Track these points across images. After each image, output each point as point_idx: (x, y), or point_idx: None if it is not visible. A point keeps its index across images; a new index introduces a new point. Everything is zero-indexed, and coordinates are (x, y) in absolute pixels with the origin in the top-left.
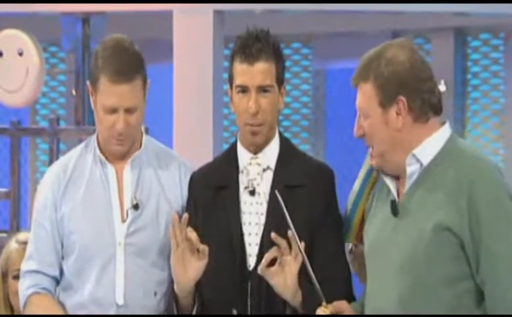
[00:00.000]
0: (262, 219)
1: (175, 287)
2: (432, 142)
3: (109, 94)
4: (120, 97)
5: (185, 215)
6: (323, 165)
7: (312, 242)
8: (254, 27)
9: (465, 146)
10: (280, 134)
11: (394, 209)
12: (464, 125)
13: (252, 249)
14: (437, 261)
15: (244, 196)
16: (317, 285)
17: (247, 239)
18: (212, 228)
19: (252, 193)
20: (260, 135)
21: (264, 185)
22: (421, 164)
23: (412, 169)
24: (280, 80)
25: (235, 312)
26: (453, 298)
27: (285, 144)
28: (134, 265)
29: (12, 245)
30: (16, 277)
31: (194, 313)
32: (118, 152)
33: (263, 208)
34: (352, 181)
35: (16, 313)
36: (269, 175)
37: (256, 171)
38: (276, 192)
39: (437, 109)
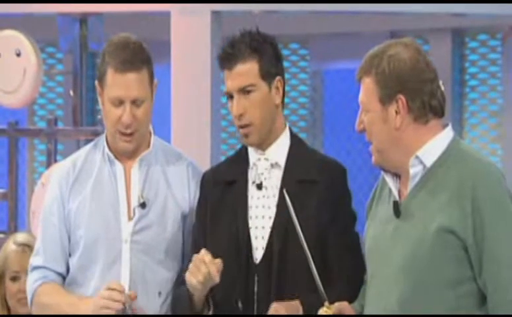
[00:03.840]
0: (270, 213)
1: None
2: (435, 144)
3: (115, 84)
4: (126, 87)
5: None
6: (335, 161)
7: (323, 237)
8: (232, 34)
9: (468, 148)
10: (290, 129)
11: (396, 210)
12: (461, 126)
13: (258, 243)
14: (439, 263)
15: (252, 191)
16: (320, 285)
17: (253, 232)
18: (219, 223)
19: (259, 186)
20: (251, 136)
21: (272, 179)
22: (424, 166)
23: (415, 170)
24: (268, 75)
25: (239, 304)
26: (454, 300)
27: (295, 140)
28: (140, 263)
29: (10, 246)
30: (14, 279)
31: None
32: (125, 149)
33: (270, 201)
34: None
35: (12, 314)
36: (277, 170)
37: (264, 166)
38: (284, 191)
39: (437, 112)
